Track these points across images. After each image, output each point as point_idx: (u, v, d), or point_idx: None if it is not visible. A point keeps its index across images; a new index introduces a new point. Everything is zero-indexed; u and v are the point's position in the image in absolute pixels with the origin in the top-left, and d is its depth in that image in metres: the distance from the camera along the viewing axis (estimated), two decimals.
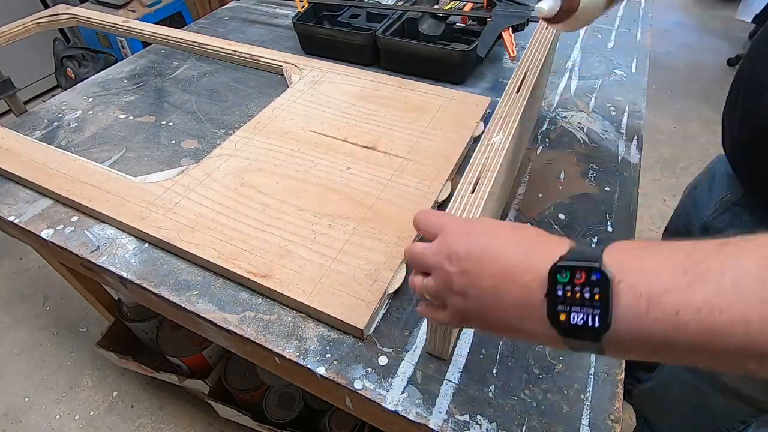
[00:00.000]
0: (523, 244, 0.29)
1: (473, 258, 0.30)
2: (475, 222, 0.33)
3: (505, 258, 0.29)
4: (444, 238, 0.33)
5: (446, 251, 0.31)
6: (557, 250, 0.27)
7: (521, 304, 0.28)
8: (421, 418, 0.45)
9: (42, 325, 1.47)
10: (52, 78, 2.28)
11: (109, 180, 0.69)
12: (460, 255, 0.30)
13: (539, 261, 0.27)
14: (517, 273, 0.28)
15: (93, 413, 1.26)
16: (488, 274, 0.29)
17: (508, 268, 0.28)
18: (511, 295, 0.28)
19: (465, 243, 0.31)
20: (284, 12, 1.23)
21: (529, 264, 0.27)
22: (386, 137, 0.75)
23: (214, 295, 0.56)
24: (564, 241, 0.29)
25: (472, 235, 0.31)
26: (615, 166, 0.72)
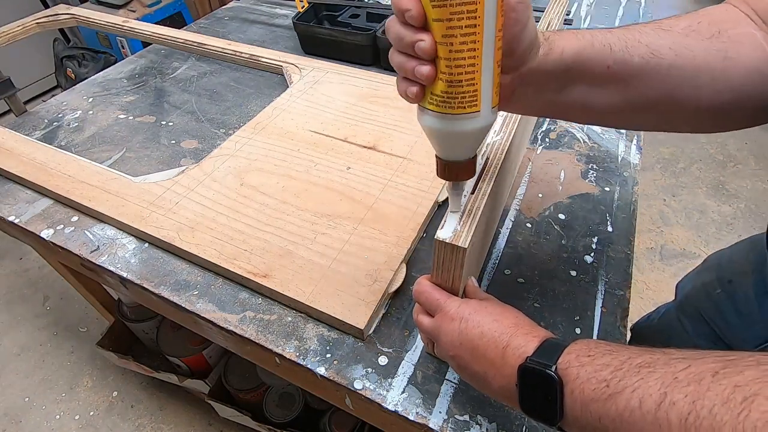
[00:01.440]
0: (503, 336, 0.35)
1: (465, 348, 0.36)
2: (466, 310, 0.38)
3: (489, 351, 0.35)
4: (441, 322, 0.39)
5: (444, 337, 0.38)
6: (528, 345, 0.33)
7: (504, 388, 0.34)
8: (421, 418, 0.45)
9: (42, 325, 1.47)
10: (52, 78, 2.28)
11: (109, 180, 0.69)
12: (455, 343, 0.37)
13: (512, 357, 0.33)
14: (498, 366, 0.34)
15: (93, 413, 1.26)
16: (479, 362, 0.35)
17: (492, 361, 0.34)
18: (496, 381, 0.34)
19: (458, 335, 0.37)
20: (284, 12, 1.23)
21: (505, 357, 0.34)
22: (386, 137, 0.75)
23: (214, 295, 0.56)
24: (537, 335, 0.34)
25: (464, 325, 0.37)
26: (615, 166, 0.72)
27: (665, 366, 0.26)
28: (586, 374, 0.29)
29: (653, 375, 0.26)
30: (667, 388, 0.25)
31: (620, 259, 0.59)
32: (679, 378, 0.25)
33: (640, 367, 0.27)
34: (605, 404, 0.27)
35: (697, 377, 0.24)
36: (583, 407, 0.28)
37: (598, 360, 0.29)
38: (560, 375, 0.30)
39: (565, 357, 0.30)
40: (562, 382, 0.30)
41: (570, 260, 0.59)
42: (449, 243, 0.35)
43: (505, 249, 0.61)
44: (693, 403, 0.23)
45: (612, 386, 0.27)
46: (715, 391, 0.23)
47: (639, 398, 0.25)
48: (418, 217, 0.61)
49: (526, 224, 0.64)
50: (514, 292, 0.56)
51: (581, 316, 0.53)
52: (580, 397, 0.28)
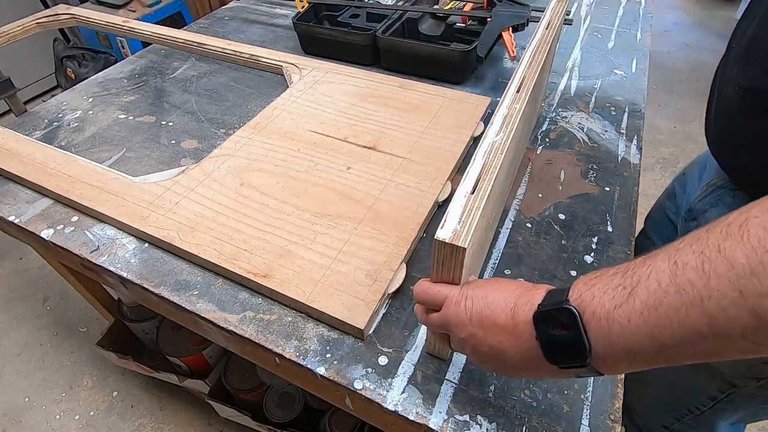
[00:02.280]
0: (509, 300, 0.34)
1: (475, 323, 0.35)
2: (468, 289, 0.37)
3: (498, 317, 0.34)
4: (447, 309, 0.38)
5: (453, 321, 0.37)
6: (535, 297, 0.33)
7: (523, 351, 0.33)
8: (421, 418, 0.45)
9: (42, 325, 1.47)
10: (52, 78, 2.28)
11: (109, 180, 0.69)
12: (465, 322, 0.36)
13: (523, 312, 0.33)
14: (510, 327, 0.33)
15: (93, 413, 1.26)
16: (492, 333, 0.34)
17: (504, 326, 0.34)
18: (514, 346, 0.33)
19: (465, 313, 0.36)
20: (284, 12, 1.23)
21: (516, 317, 0.33)
22: (386, 137, 0.75)
23: (214, 295, 0.56)
24: (540, 288, 0.34)
25: (469, 303, 0.36)
26: (615, 166, 0.72)
27: (665, 248, 0.27)
28: (600, 290, 0.28)
29: (658, 257, 0.26)
30: (674, 257, 0.25)
31: (620, 259, 0.59)
32: (680, 247, 0.26)
33: (644, 260, 0.27)
34: (628, 304, 0.26)
35: (695, 237, 0.25)
36: (609, 321, 0.27)
37: (606, 275, 0.29)
38: (575, 305, 0.29)
39: (574, 289, 0.30)
40: (580, 312, 0.29)
41: (570, 260, 0.59)
42: (449, 243, 0.35)
43: (505, 249, 0.61)
44: (701, 253, 0.24)
45: (628, 285, 0.27)
46: (713, 236, 0.24)
47: (656, 280, 0.25)
48: (418, 217, 0.61)
49: (526, 224, 0.64)
50: None
51: None
52: (603, 313, 0.28)
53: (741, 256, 0.23)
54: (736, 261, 0.23)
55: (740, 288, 0.22)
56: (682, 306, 0.24)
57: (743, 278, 0.22)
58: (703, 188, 0.64)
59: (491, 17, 0.88)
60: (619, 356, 0.28)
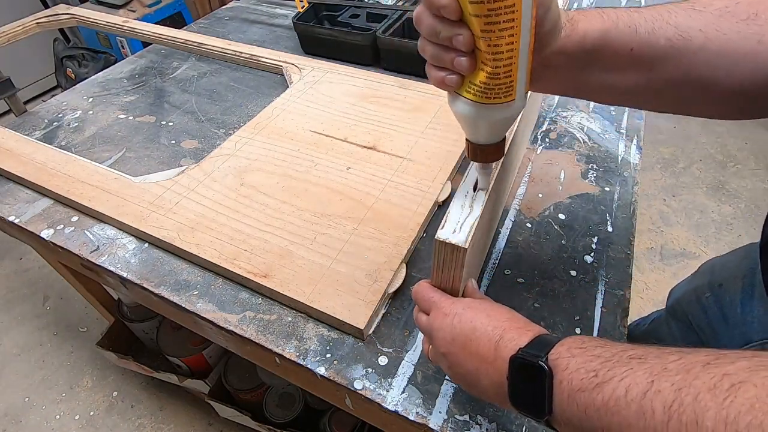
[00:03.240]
0: (496, 331, 0.34)
1: (457, 344, 0.36)
2: (459, 307, 0.37)
3: (481, 346, 0.34)
4: (434, 319, 0.39)
5: (437, 334, 0.38)
6: (521, 338, 0.33)
7: (495, 384, 0.33)
8: (421, 418, 0.45)
9: (42, 325, 1.47)
10: (52, 78, 2.28)
11: (109, 180, 0.69)
12: (447, 339, 0.37)
13: (505, 350, 0.33)
14: (490, 359, 0.34)
15: (93, 413, 1.26)
16: (472, 359, 0.35)
17: (484, 355, 0.34)
18: (489, 377, 0.34)
19: (450, 330, 0.37)
20: (284, 12, 1.23)
21: (498, 350, 0.33)
22: (386, 137, 0.75)
23: (214, 295, 0.56)
24: (530, 330, 0.34)
25: (456, 321, 0.37)
26: (615, 166, 0.72)
27: (656, 358, 0.26)
28: (576, 365, 0.28)
29: (643, 365, 0.26)
30: (654, 377, 0.24)
31: (620, 259, 0.59)
32: (668, 368, 0.24)
33: (630, 359, 0.27)
34: (591, 394, 0.27)
35: (687, 367, 0.24)
36: (570, 398, 0.28)
37: (590, 352, 0.29)
38: (550, 366, 0.29)
39: (557, 349, 0.30)
40: (552, 373, 0.29)
41: (570, 260, 0.59)
42: (449, 243, 0.35)
43: (505, 249, 0.61)
44: (678, 390, 0.23)
45: (600, 376, 0.27)
46: (703, 379, 0.23)
47: (626, 387, 0.25)
48: (418, 217, 0.61)
49: (526, 224, 0.64)
50: (514, 292, 0.56)
51: (581, 316, 0.53)
52: (568, 388, 0.28)
53: (710, 420, 0.21)
54: (702, 423, 0.21)
55: None
56: (632, 427, 0.24)
57: None
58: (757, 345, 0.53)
59: None
60: (573, 428, 0.29)
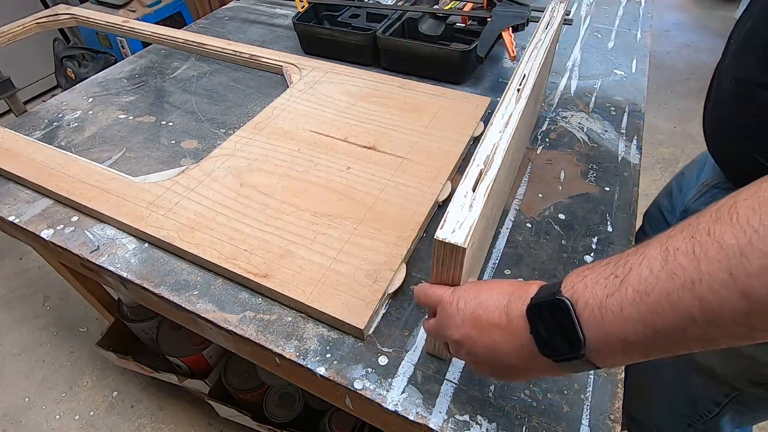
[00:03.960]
0: (502, 297, 0.34)
1: (468, 323, 0.35)
2: (461, 290, 0.37)
3: (492, 315, 0.34)
4: (442, 313, 0.38)
5: (447, 323, 0.37)
6: (528, 292, 0.32)
7: (518, 349, 0.32)
8: (421, 418, 0.45)
9: (42, 325, 1.47)
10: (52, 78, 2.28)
11: (109, 180, 0.69)
12: (458, 323, 0.36)
13: (516, 308, 0.32)
14: (504, 324, 0.33)
15: (93, 413, 1.26)
16: (486, 332, 0.34)
17: (497, 323, 0.33)
18: (509, 343, 0.33)
19: (458, 314, 0.36)
20: (284, 12, 1.23)
21: (509, 313, 0.33)
22: (386, 137, 0.75)
23: (214, 295, 0.56)
24: (533, 284, 0.33)
25: (462, 303, 0.36)
26: (615, 166, 0.72)
27: (658, 237, 0.26)
28: (592, 281, 0.28)
29: (650, 245, 0.26)
30: (666, 244, 0.25)
31: None
32: (671, 234, 0.25)
33: (637, 249, 0.27)
34: (619, 291, 0.26)
35: (686, 223, 0.25)
36: (601, 308, 0.27)
37: (598, 266, 0.29)
38: (568, 296, 0.29)
39: (567, 281, 0.30)
40: (573, 302, 0.28)
41: (570, 260, 0.59)
42: (449, 243, 0.35)
43: (505, 249, 0.61)
44: (692, 237, 0.24)
45: (620, 274, 0.26)
46: (705, 217, 0.24)
47: (648, 267, 0.25)
48: (418, 217, 0.61)
49: (526, 224, 0.64)
50: None
51: None
52: (595, 302, 0.27)
53: (730, 238, 0.22)
54: (726, 243, 0.22)
55: (730, 269, 0.22)
56: (673, 290, 0.24)
57: (733, 259, 0.22)
58: (699, 188, 0.64)
59: (491, 17, 0.88)
60: (613, 345, 0.27)
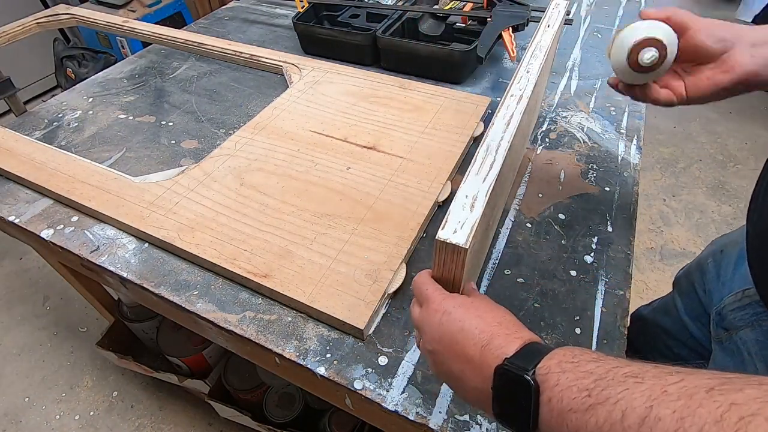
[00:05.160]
0: (484, 335, 0.33)
1: (444, 343, 0.35)
2: (450, 305, 0.36)
3: (468, 348, 0.33)
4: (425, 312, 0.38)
5: (425, 328, 0.37)
6: (509, 348, 0.31)
7: (479, 390, 0.32)
8: (421, 418, 0.45)
9: (42, 325, 1.47)
10: (52, 78, 2.28)
11: (109, 180, 0.69)
12: (435, 337, 0.36)
13: (491, 357, 0.31)
14: (476, 364, 0.32)
15: (93, 413, 1.25)
16: (457, 360, 0.34)
17: (470, 358, 0.33)
18: (472, 381, 0.33)
19: (438, 328, 0.35)
20: (284, 12, 1.23)
21: (484, 356, 0.32)
22: (386, 137, 0.75)
23: (214, 295, 0.56)
24: (520, 336, 0.32)
25: (445, 319, 0.35)
26: (615, 166, 0.72)
27: (655, 378, 0.24)
28: (567, 382, 0.27)
29: (640, 386, 0.24)
30: (653, 402, 0.23)
31: (620, 259, 0.59)
32: (668, 391, 0.23)
33: (626, 377, 0.25)
34: (584, 415, 0.25)
35: (689, 392, 0.22)
36: (559, 417, 0.26)
37: (582, 367, 0.27)
38: (538, 381, 0.28)
39: (546, 362, 0.29)
40: (539, 389, 0.28)
41: (570, 260, 0.59)
42: (451, 243, 0.35)
43: (505, 249, 0.61)
44: (681, 420, 0.21)
45: (594, 396, 0.25)
46: (708, 408, 0.21)
47: (622, 410, 0.23)
48: (418, 217, 0.61)
49: (526, 224, 0.64)
50: (514, 292, 0.56)
51: (581, 316, 0.53)
52: (558, 406, 0.26)
53: None
54: None
55: None
56: None
57: None
58: (738, 295, 0.57)
59: (491, 17, 0.88)
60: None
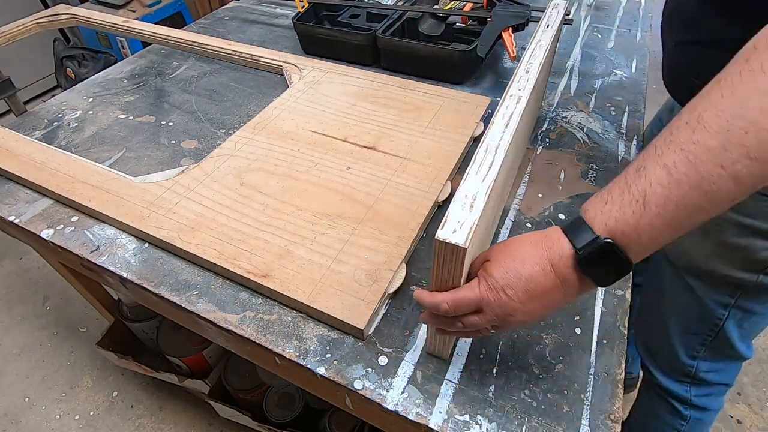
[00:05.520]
0: (541, 262, 0.36)
1: (526, 301, 0.37)
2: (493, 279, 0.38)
3: (544, 283, 0.36)
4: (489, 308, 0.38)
5: (503, 313, 0.38)
6: (563, 247, 0.35)
7: (576, 293, 0.37)
8: (421, 418, 0.45)
9: (42, 325, 1.47)
10: (52, 78, 2.28)
11: (109, 180, 0.69)
12: (516, 308, 0.37)
13: (565, 267, 0.35)
14: (559, 285, 0.36)
15: (93, 413, 1.25)
16: (545, 298, 0.37)
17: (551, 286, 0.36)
18: (567, 296, 0.37)
19: (512, 300, 0.37)
20: (284, 12, 1.23)
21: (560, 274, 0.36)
22: (386, 137, 0.75)
23: (214, 295, 0.56)
24: (555, 233, 0.37)
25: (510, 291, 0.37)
26: (615, 166, 0.72)
27: (647, 157, 0.33)
28: (619, 211, 0.33)
29: (648, 167, 0.32)
30: (663, 161, 0.31)
31: None
32: (660, 153, 0.32)
33: (636, 171, 0.33)
34: (647, 213, 0.32)
35: (667, 140, 0.32)
36: (637, 232, 0.32)
37: (613, 194, 0.34)
38: (608, 235, 0.33)
39: (594, 220, 0.34)
40: (615, 241, 0.33)
41: None
42: (450, 243, 0.35)
43: None
44: (682, 150, 0.31)
45: (639, 198, 0.32)
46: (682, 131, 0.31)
47: (658, 184, 0.31)
48: (418, 217, 0.61)
49: (526, 224, 0.64)
50: None
51: (581, 316, 0.53)
52: (630, 229, 0.32)
53: (712, 141, 0.29)
54: (710, 146, 0.29)
55: (720, 163, 0.29)
56: (686, 194, 0.30)
57: (719, 156, 0.29)
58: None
59: (491, 17, 0.88)
60: (650, 250, 0.34)
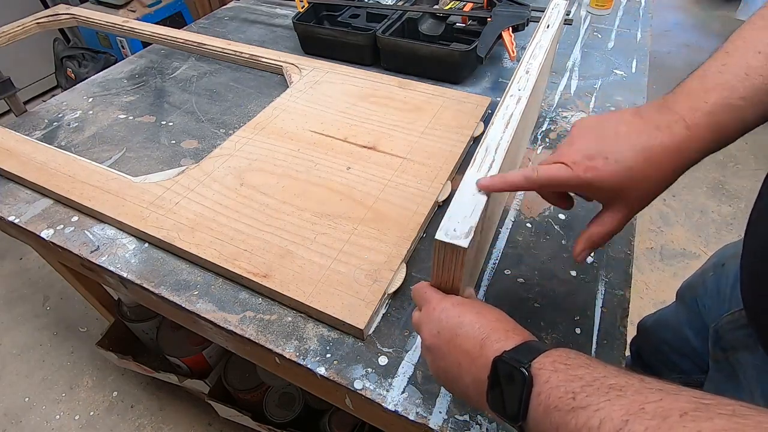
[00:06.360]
0: (483, 330, 0.35)
1: (443, 337, 0.37)
2: (448, 303, 0.38)
3: (467, 342, 0.35)
4: (425, 313, 0.39)
5: (425, 326, 0.39)
6: (507, 342, 0.33)
7: (475, 381, 0.34)
8: (421, 418, 0.45)
9: (42, 325, 1.47)
10: (52, 78, 2.28)
11: (109, 180, 0.69)
12: (433, 333, 0.38)
13: (490, 349, 0.33)
14: (474, 356, 0.34)
15: (93, 413, 1.26)
16: (455, 354, 0.36)
17: (468, 351, 0.35)
18: (471, 374, 0.34)
19: (437, 323, 0.38)
20: (284, 12, 1.23)
21: (483, 348, 0.34)
22: (386, 137, 0.75)
23: (214, 295, 0.56)
24: (517, 335, 0.34)
25: (444, 316, 0.37)
26: None
27: (636, 394, 0.25)
28: (557, 381, 0.29)
29: (621, 400, 0.25)
30: (630, 416, 0.24)
31: (620, 259, 0.59)
32: (646, 409, 0.24)
33: (610, 388, 0.27)
34: (566, 416, 0.27)
35: (664, 413, 0.23)
36: (545, 413, 0.28)
37: (573, 371, 0.29)
38: (532, 374, 0.30)
39: (542, 359, 0.31)
40: (532, 381, 0.30)
41: (570, 260, 0.59)
42: (449, 243, 0.35)
43: (505, 249, 0.61)
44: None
45: (578, 400, 0.27)
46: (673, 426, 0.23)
47: (600, 419, 0.25)
48: (418, 217, 0.61)
49: (526, 224, 0.64)
50: (514, 292, 0.56)
51: (581, 316, 0.53)
52: (545, 402, 0.28)
53: None
54: None
55: None
56: None
57: None
58: (736, 314, 0.56)
59: (491, 17, 0.88)
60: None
